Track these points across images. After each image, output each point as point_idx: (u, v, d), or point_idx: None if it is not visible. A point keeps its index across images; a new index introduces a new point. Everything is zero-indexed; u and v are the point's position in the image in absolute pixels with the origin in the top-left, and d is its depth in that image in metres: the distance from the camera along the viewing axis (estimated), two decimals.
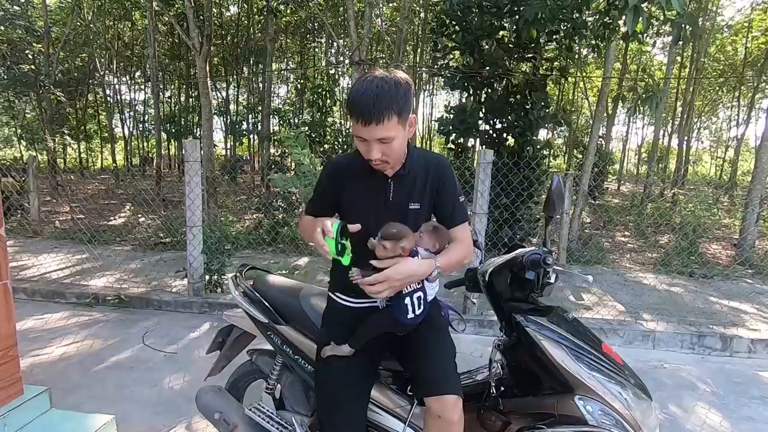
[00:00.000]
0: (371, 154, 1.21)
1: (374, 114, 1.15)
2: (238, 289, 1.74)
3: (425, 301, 1.23)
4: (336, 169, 1.39)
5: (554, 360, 1.19)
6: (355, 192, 1.34)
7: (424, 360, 1.30)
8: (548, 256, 1.21)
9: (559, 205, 1.30)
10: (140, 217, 8.74)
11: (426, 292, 1.24)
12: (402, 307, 1.20)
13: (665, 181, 12.38)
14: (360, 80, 1.19)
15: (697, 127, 24.04)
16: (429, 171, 1.35)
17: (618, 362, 1.26)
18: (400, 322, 1.22)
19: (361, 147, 1.23)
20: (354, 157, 1.36)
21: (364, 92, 1.16)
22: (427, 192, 1.36)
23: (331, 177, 1.39)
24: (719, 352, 3.25)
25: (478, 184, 3.36)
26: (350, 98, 1.18)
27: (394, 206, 1.34)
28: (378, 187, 1.34)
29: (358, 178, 1.34)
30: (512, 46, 6.19)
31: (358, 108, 1.16)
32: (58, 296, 3.79)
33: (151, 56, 11.56)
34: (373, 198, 1.34)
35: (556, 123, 7.30)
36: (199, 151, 3.53)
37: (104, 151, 20.96)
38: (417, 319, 1.23)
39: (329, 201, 1.40)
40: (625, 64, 14.28)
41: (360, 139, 1.21)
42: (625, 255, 6.52)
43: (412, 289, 1.20)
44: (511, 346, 1.33)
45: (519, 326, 1.28)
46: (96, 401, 2.36)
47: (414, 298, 1.20)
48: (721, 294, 4.57)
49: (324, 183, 1.41)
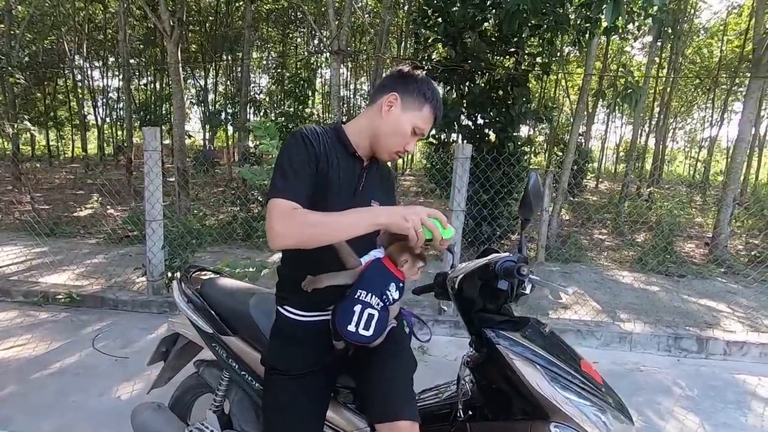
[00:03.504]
0: (410, 146, 1.21)
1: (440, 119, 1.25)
2: (182, 294, 1.55)
3: (378, 324, 1.04)
4: (314, 139, 1.13)
5: (527, 382, 1.05)
6: (332, 171, 1.14)
7: (376, 380, 1.14)
8: (523, 266, 1.06)
9: (536, 206, 1.15)
10: (108, 208, 8.36)
11: (382, 315, 1.05)
12: (347, 311, 1.03)
13: (642, 180, 12.56)
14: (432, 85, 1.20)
15: (673, 127, 24.62)
16: (387, 173, 1.35)
17: (597, 382, 1.13)
18: (337, 329, 1.04)
19: (404, 138, 1.19)
20: (323, 132, 1.19)
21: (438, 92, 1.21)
22: (384, 192, 1.28)
23: (313, 144, 1.12)
24: (695, 354, 3.21)
25: (455, 179, 3.22)
26: (427, 93, 1.19)
27: (362, 198, 1.19)
28: (353, 172, 1.19)
29: (337, 156, 1.17)
30: (495, 39, 6.07)
31: (439, 112, 1.21)
32: (3, 294, 3.50)
33: (121, 40, 11.05)
34: (345, 183, 1.17)
35: (537, 119, 7.23)
36: (159, 140, 3.29)
37: (76, 139, 20.11)
38: (358, 338, 1.03)
39: (310, 180, 1.09)
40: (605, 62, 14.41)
41: (416, 131, 1.19)
42: (602, 253, 6.52)
43: (368, 300, 1.04)
44: (481, 363, 1.18)
45: (489, 342, 1.13)
46: (30, 413, 2.14)
47: (365, 312, 1.03)
48: (696, 293, 4.57)
49: (303, 153, 1.10)
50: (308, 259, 1.14)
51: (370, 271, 1.07)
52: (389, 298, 1.05)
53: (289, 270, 1.23)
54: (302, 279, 1.15)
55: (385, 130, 1.18)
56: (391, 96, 1.18)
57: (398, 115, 1.17)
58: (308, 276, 1.13)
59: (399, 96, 1.18)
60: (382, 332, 1.06)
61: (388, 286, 1.05)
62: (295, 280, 1.17)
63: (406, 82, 1.19)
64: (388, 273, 1.06)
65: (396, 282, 1.06)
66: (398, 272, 1.07)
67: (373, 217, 1.02)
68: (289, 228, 1.01)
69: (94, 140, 22.52)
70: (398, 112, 1.18)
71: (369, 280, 1.06)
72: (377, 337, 1.05)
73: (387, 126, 1.18)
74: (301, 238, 1.01)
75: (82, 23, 15.84)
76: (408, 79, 1.20)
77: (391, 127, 1.18)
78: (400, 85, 1.19)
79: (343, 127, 1.24)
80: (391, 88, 1.19)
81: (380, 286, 1.05)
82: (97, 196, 9.20)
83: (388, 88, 1.20)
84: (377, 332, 1.04)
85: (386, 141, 1.19)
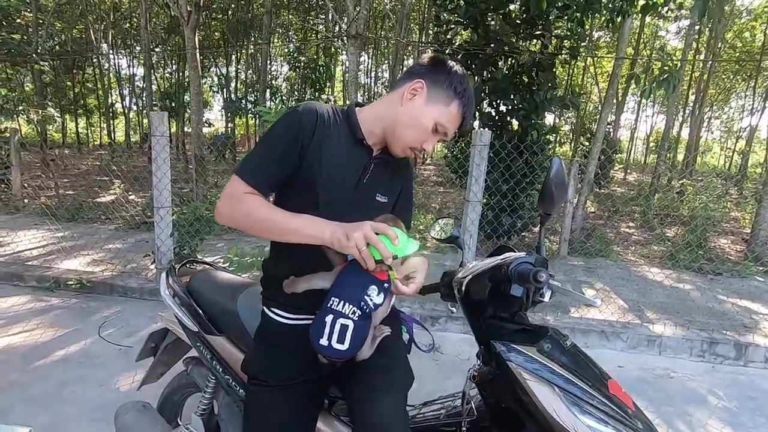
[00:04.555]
0: (428, 145, 1.06)
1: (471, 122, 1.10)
2: (168, 288, 1.44)
3: (354, 336, 0.89)
4: (313, 116, 1.01)
5: (541, 406, 0.89)
6: (331, 156, 1.00)
7: (360, 398, 0.99)
8: (541, 271, 0.88)
9: (559, 198, 0.96)
10: (130, 194, 8.49)
11: (359, 325, 0.90)
12: (319, 322, 0.89)
13: (673, 171, 11.96)
14: (466, 81, 1.05)
15: (709, 116, 23.41)
16: (400, 166, 1.16)
17: (626, 406, 0.96)
18: (311, 341, 0.91)
19: (423, 133, 1.04)
20: (329, 112, 1.05)
21: (471, 91, 1.06)
22: (395, 189, 1.13)
23: (305, 123, 1.00)
24: (732, 361, 2.96)
25: (472, 168, 3.03)
26: (458, 88, 1.03)
27: (364, 192, 1.05)
28: (357, 161, 1.05)
29: (338, 140, 1.02)
30: (520, 21, 5.75)
31: (470, 112, 1.06)
32: (17, 279, 3.52)
33: (143, 27, 11.10)
34: (347, 173, 1.03)
35: (563, 106, 6.86)
36: (166, 125, 3.20)
37: (105, 127, 20.59)
38: (332, 352, 0.89)
39: (291, 161, 0.99)
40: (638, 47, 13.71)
41: (438, 128, 1.04)
42: (630, 247, 6.19)
43: (340, 309, 0.89)
44: (490, 379, 1.02)
45: (498, 356, 0.97)
46: (29, 403, 2.10)
47: (338, 323, 0.88)
48: (733, 293, 4.26)
49: (287, 135, 0.99)
50: (290, 254, 1.01)
51: (345, 274, 0.92)
52: (368, 304, 0.89)
53: (273, 265, 1.10)
54: (285, 277, 1.02)
55: (402, 121, 1.04)
56: (417, 83, 1.04)
57: (421, 106, 1.03)
58: (291, 276, 1.00)
59: (426, 85, 1.03)
60: (359, 345, 0.91)
61: (366, 290, 0.89)
62: (278, 278, 1.04)
63: (437, 72, 1.04)
64: (366, 275, 0.90)
65: (378, 284, 0.90)
66: (380, 272, 0.90)
67: (319, 231, 0.91)
68: (232, 212, 0.99)
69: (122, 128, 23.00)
70: (421, 102, 1.03)
71: (344, 285, 0.91)
72: (355, 350, 0.90)
73: (406, 116, 1.03)
74: (240, 226, 0.99)
75: (107, 11, 16.06)
76: (439, 69, 1.05)
77: (410, 118, 1.03)
78: (430, 74, 1.04)
79: (358, 110, 1.08)
80: (418, 75, 1.05)
81: (357, 291, 0.89)
82: (119, 182, 9.37)
83: (415, 74, 1.05)
84: (354, 345, 0.89)
85: (402, 133, 1.04)
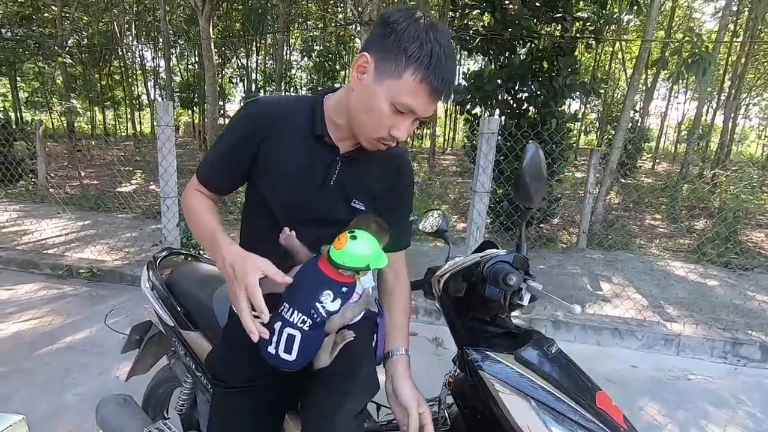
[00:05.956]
0: (398, 131, 0.85)
1: (448, 89, 0.83)
2: (148, 281, 1.41)
3: (303, 347, 0.80)
4: (266, 114, 0.93)
5: (513, 421, 0.80)
6: (287, 157, 0.92)
7: (312, 405, 0.91)
8: (511, 273, 0.78)
9: (536, 190, 0.86)
10: (151, 184, 8.66)
11: (308, 335, 0.81)
12: (269, 329, 0.81)
13: (705, 161, 11.38)
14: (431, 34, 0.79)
15: (746, 103, 22.20)
16: (389, 168, 1.01)
17: (617, 421, 0.86)
18: (260, 348, 0.83)
19: (382, 119, 0.84)
20: (292, 104, 0.95)
21: (446, 57, 0.80)
22: (377, 192, 0.98)
23: (256, 123, 0.93)
24: (757, 363, 2.77)
25: (479, 157, 2.91)
26: (410, 48, 0.79)
27: (333, 195, 0.94)
28: (321, 160, 0.93)
29: (295, 138, 0.92)
30: (539, 4, 5.51)
31: (439, 77, 0.80)
32: (32, 266, 3.61)
33: (162, 18, 11.22)
34: (308, 173, 0.93)
35: (584, 92, 6.57)
36: (171, 115, 3.19)
37: (132, 118, 21.11)
38: (280, 362, 0.81)
39: (240, 163, 0.94)
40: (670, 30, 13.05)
41: (397, 108, 0.82)
42: (653, 240, 5.93)
43: (287, 317, 0.81)
44: (465, 386, 0.94)
45: (470, 364, 0.89)
46: (32, 389, 2.14)
47: (284, 332, 0.80)
48: (762, 290, 4.01)
49: (240, 132, 0.94)
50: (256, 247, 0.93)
51: (299, 275, 0.83)
52: (320, 312, 0.79)
53: None
54: None
55: (356, 108, 0.87)
56: (362, 57, 0.84)
57: (370, 85, 0.83)
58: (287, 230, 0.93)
59: (371, 57, 0.83)
60: (309, 356, 0.83)
61: (319, 295, 0.79)
62: None
63: (383, 36, 0.82)
64: (322, 277, 0.80)
65: (335, 288, 0.80)
66: (340, 275, 0.80)
67: (214, 254, 0.87)
68: (184, 203, 1.01)
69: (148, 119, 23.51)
70: (369, 80, 0.83)
71: (297, 288, 0.82)
72: (304, 360, 0.82)
73: (357, 102, 0.87)
74: (188, 222, 1.01)
75: (131, 4, 16.30)
76: (385, 31, 0.81)
77: (361, 103, 0.86)
78: (376, 41, 0.83)
79: (327, 99, 0.96)
80: (365, 48, 0.85)
81: (308, 298, 0.80)
82: (141, 172, 9.56)
83: (365, 46, 0.86)
84: (303, 356, 0.81)
85: (359, 122, 0.88)
